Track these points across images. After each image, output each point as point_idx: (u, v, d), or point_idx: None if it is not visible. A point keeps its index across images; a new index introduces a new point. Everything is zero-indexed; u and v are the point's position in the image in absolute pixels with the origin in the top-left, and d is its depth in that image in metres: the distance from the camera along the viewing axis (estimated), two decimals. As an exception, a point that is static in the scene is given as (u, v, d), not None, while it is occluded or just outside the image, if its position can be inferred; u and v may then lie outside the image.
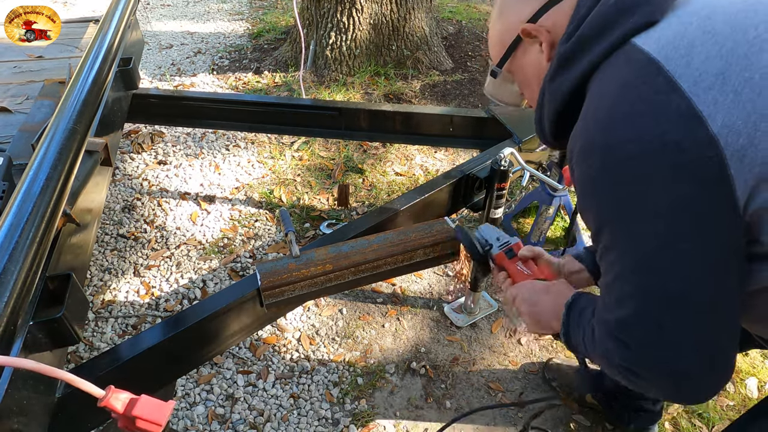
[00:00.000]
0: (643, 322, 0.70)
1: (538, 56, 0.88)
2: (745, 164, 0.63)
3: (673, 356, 0.69)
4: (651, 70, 0.68)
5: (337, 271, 1.29)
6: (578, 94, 0.79)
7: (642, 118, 0.66)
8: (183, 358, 1.26)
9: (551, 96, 0.84)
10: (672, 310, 0.68)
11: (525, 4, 0.87)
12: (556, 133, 0.88)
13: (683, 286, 0.67)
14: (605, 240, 0.74)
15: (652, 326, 0.69)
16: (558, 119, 0.85)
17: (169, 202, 2.53)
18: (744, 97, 0.63)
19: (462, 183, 1.67)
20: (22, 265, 0.79)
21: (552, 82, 0.83)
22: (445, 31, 4.06)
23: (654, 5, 0.73)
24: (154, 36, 4.28)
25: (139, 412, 0.72)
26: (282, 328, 1.96)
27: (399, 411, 1.70)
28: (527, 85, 0.95)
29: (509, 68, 0.95)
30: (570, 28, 0.79)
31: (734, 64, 0.65)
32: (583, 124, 0.75)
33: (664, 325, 0.68)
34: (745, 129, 0.63)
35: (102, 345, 1.88)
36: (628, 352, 0.72)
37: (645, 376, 0.72)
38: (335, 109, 2.09)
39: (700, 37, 0.68)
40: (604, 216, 0.73)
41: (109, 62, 1.39)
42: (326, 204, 2.51)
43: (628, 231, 0.70)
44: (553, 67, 0.82)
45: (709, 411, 1.67)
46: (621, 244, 0.71)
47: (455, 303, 2.04)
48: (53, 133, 1.05)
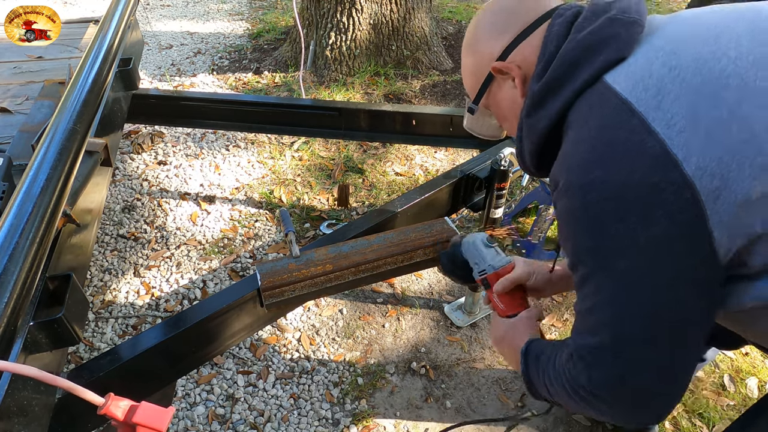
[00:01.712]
0: (615, 350, 0.73)
1: (513, 91, 0.89)
2: (719, 204, 0.65)
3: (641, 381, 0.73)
4: (624, 111, 0.69)
5: (337, 272, 1.29)
6: (556, 128, 0.81)
7: (620, 160, 0.68)
8: (183, 358, 1.26)
9: (529, 132, 0.85)
10: (645, 340, 0.71)
11: (494, 41, 0.88)
12: (538, 165, 0.89)
13: (657, 319, 0.70)
14: (582, 271, 0.76)
15: (624, 354, 0.73)
16: (539, 152, 0.87)
17: (169, 202, 2.53)
18: (715, 137, 0.65)
19: (462, 183, 1.67)
20: (22, 265, 0.79)
21: (528, 118, 0.84)
22: (445, 31, 4.06)
23: (621, 42, 0.74)
24: (154, 36, 4.28)
25: (140, 419, 0.72)
26: (282, 328, 1.96)
27: (399, 411, 1.70)
28: (505, 118, 0.97)
29: (485, 104, 0.97)
30: (540, 67, 0.81)
31: (703, 103, 0.66)
32: (563, 162, 0.77)
33: (636, 353, 0.72)
34: (718, 170, 0.64)
35: (102, 345, 1.88)
36: (594, 373, 0.75)
37: (607, 399, 0.75)
38: (335, 109, 2.09)
39: (668, 75, 0.69)
40: (582, 249, 0.75)
41: (109, 62, 1.39)
42: (326, 204, 2.51)
43: (606, 266, 0.72)
44: (528, 105, 0.83)
45: (709, 411, 1.67)
46: (597, 277, 0.74)
47: (455, 303, 2.04)
48: (53, 133, 1.05)
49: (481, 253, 1.12)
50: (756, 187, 0.64)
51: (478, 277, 1.13)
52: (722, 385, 1.75)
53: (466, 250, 1.16)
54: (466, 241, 1.17)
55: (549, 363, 0.86)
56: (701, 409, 1.68)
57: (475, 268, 1.13)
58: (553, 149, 0.82)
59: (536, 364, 0.90)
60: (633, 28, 0.75)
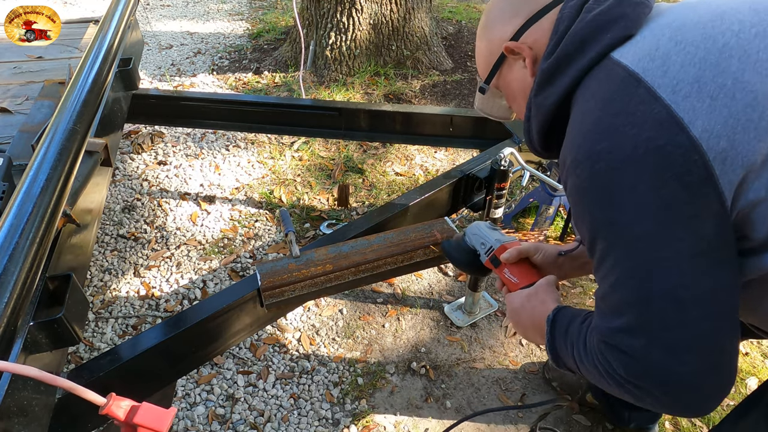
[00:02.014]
0: (644, 329, 0.69)
1: (523, 72, 0.91)
2: (728, 165, 0.66)
3: (677, 363, 0.67)
4: (631, 83, 0.71)
5: (337, 272, 1.29)
6: (563, 106, 0.82)
7: (625, 127, 0.69)
8: (183, 358, 1.26)
9: (537, 110, 0.87)
10: (673, 313, 0.67)
11: (507, 23, 0.91)
12: (545, 145, 0.91)
13: (682, 287, 0.67)
14: (600, 250, 0.74)
15: (654, 332, 0.68)
16: (545, 131, 0.88)
17: (169, 202, 2.53)
18: (720, 102, 0.67)
19: (462, 183, 1.67)
20: (22, 265, 0.79)
21: (537, 96, 0.86)
22: (445, 31, 4.06)
23: (629, 20, 0.76)
24: (154, 36, 4.28)
25: (141, 420, 0.72)
26: (282, 328, 1.96)
27: (399, 411, 1.70)
28: (514, 99, 0.99)
29: (496, 84, 0.99)
30: (550, 46, 0.83)
31: (708, 71, 0.68)
32: (571, 138, 0.78)
33: (667, 330, 0.67)
34: (724, 132, 0.66)
35: (102, 345, 1.88)
36: (631, 362, 0.70)
37: (647, 387, 0.70)
38: (335, 109, 2.09)
39: (674, 48, 0.71)
40: (597, 225, 0.74)
41: (109, 63, 1.39)
42: (326, 204, 2.51)
43: (621, 238, 0.71)
44: (537, 82, 0.85)
45: (709, 411, 1.67)
46: (615, 251, 0.72)
47: (455, 303, 2.04)
48: (53, 133, 1.05)
49: (485, 233, 1.14)
50: (762, 149, 0.66)
51: (485, 257, 1.12)
52: (722, 385, 1.75)
53: (470, 237, 1.17)
54: (469, 229, 1.18)
55: (579, 338, 0.81)
56: (701, 409, 1.68)
57: (482, 249, 1.13)
58: (560, 129, 0.83)
59: (564, 336, 0.85)
60: (640, 8, 0.77)
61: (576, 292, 2.10)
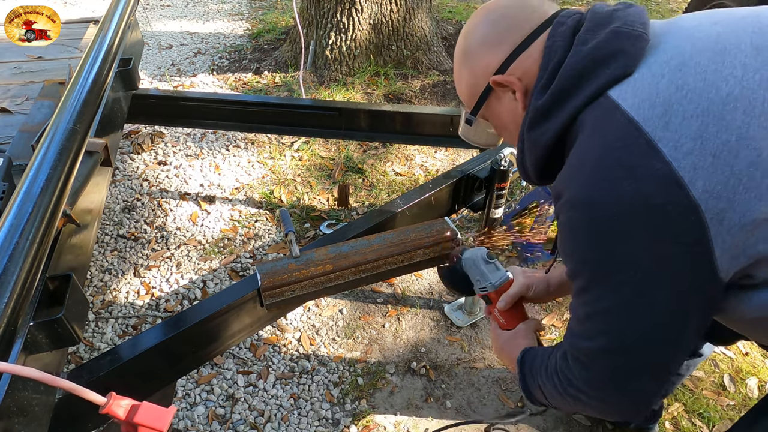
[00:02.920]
0: (610, 355, 0.76)
1: (513, 104, 0.87)
2: (724, 226, 0.65)
3: (636, 384, 0.77)
4: (631, 132, 0.69)
5: (337, 272, 1.28)
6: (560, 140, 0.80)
7: (625, 180, 0.68)
8: (183, 358, 1.26)
9: (533, 145, 0.84)
10: (638, 348, 0.75)
11: (491, 52, 0.85)
12: (541, 176, 0.89)
13: (653, 330, 0.73)
14: (581, 282, 0.77)
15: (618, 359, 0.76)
16: (541, 163, 0.86)
17: (169, 202, 2.53)
18: (722, 161, 0.65)
19: (462, 183, 1.67)
20: (22, 265, 0.79)
21: (532, 131, 0.83)
22: (445, 31, 4.06)
23: (628, 57, 0.73)
24: (154, 36, 4.28)
25: (141, 419, 0.72)
26: (282, 328, 1.96)
27: (399, 411, 1.70)
28: (505, 128, 0.95)
29: (483, 114, 0.95)
30: (544, 79, 0.79)
31: (711, 126, 0.66)
32: (568, 177, 0.77)
33: (629, 358, 0.76)
34: (724, 193, 0.65)
35: (102, 345, 1.88)
36: (590, 377, 0.79)
37: (599, 397, 0.80)
38: (335, 109, 2.09)
39: (675, 95, 0.68)
40: (585, 262, 0.76)
41: (109, 63, 1.39)
42: (326, 204, 2.51)
43: (607, 278, 0.74)
44: (531, 118, 0.82)
45: (709, 410, 1.67)
46: (598, 287, 0.75)
47: (455, 303, 2.04)
48: (53, 133, 1.05)
49: (481, 270, 1.15)
50: (762, 208, 0.64)
51: (479, 293, 1.17)
52: (722, 385, 1.75)
53: (467, 267, 1.19)
54: (466, 258, 1.19)
55: (542, 366, 0.90)
56: (701, 409, 1.68)
57: (477, 284, 1.17)
58: (555, 160, 0.82)
59: (530, 370, 0.93)
60: (639, 43, 0.74)
61: (576, 292, 2.10)
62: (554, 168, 0.82)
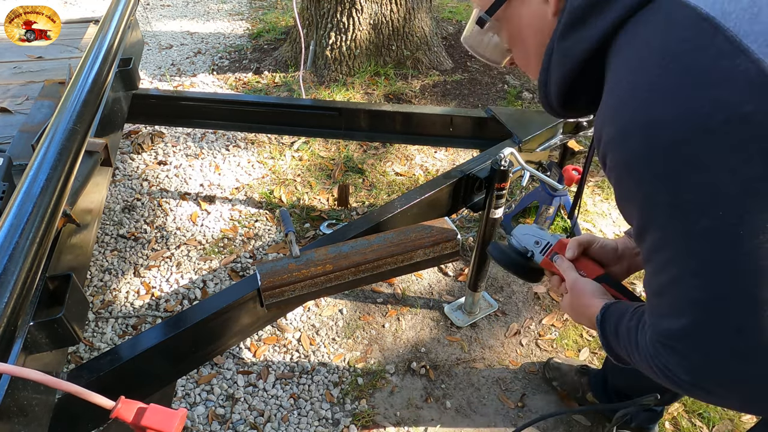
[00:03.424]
0: (710, 332, 0.60)
1: (541, 7, 0.71)
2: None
3: (748, 368, 0.59)
4: (705, 29, 0.55)
5: (337, 272, 1.29)
6: (596, 56, 0.66)
7: (699, 89, 0.54)
8: (183, 358, 1.26)
9: (562, 57, 0.69)
10: (745, 316, 0.57)
11: None
12: (564, 103, 0.75)
13: (753, 288, 0.56)
14: (653, 239, 0.62)
15: (721, 335, 0.59)
16: (568, 85, 0.71)
17: (169, 202, 2.53)
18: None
19: (462, 183, 1.67)
20: (22, 265, 0.79)
21: (563, 40, 0.68)
22: (445, 31, 4.06)
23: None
24: (154, 36, 4.28)
25: (149, 422, 0.72)
26: (282, 328, 1.96)
27: (399, 411, 1.70)
28: (520, 41, 0.79)
29: (500, 17, 0.78)
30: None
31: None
32: (615, 101, 0.63)
33: (737, 333, 0.58)
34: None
35: (102, 345, 1.88)
36: (693, 366, 0.62)
37: (716, 390, 0.63)
38: (335, 109, 2.09)
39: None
40: (652, 210, 0.61)
41: (109, 62, 1.39)
42: (326, 204, 2.51)
43: (685, 229, 0.58)
44: (565, 23, 0.67)
45: (709, 411, 1.67)
46: (676, 243, 0.60)
47: (455, 303, 2.04)
48: (53, 133, 1.05)
49: (537, 233, 1.10)
50: None
51: (542, 256, 1.08)
52: (722, 385, 1.75)
53: (520, 238, 1.14)
54: (517, 231, 1.15)
55: (631, 340, 0.73)
56: (701, 409, 1.68)
57: (536, 248, 1.09)
58: (587, 83, 0.69)
59: (615, 337, 0.77)
60: None
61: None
62: (581, 96, 0.71)
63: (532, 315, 2.02)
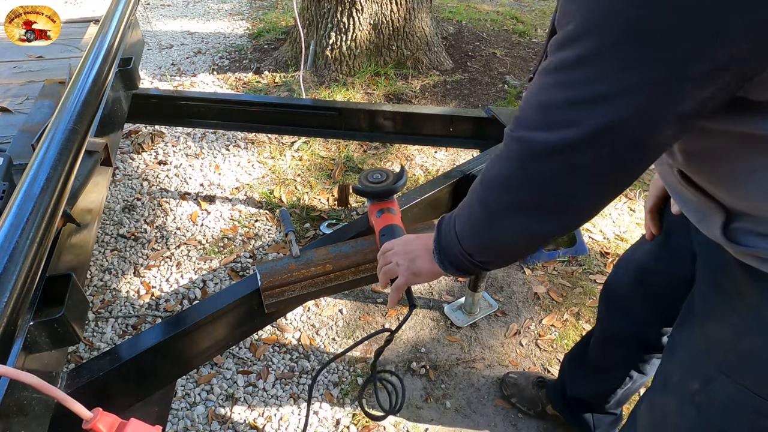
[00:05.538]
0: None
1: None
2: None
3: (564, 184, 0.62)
4: None
5: (337, 271, 1.28)
6: None
7: None
8: (183, 358, 1.26)
9: None
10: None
11: None
12: None
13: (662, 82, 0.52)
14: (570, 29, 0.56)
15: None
16: None
17: (169, 202, 2.53)
18: None
19: (462, 183, 1.67)
20: (22, 265, 0.79)
21: None
22: (445, 31, 4.06)
23: None
24: (154, 36, 4.28)
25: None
26: (282, 328, 1.96)
27: (399, 411, 1.70)
28: None
29: None
30: None
31: None
32: None
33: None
34: None
35: (102, 345, 1.88)
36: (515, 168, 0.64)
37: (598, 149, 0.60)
38: (335, 109, 2.09)
39: None
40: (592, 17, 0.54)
41: (109, 62, 1.39)
42: (326, 204, 2.51)
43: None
44: None
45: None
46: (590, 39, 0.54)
47: (455, 303, 2.04)
48: (53, 133, 1.05)
49: None
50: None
51: None
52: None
53: None
54: None
55: (471, 194, 0.73)
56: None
57: None
58: None
59: (454, 223, 0.78)
60: None
61: (576, 293, 2.10)
62: None
63: (532, 315, 2.02)
